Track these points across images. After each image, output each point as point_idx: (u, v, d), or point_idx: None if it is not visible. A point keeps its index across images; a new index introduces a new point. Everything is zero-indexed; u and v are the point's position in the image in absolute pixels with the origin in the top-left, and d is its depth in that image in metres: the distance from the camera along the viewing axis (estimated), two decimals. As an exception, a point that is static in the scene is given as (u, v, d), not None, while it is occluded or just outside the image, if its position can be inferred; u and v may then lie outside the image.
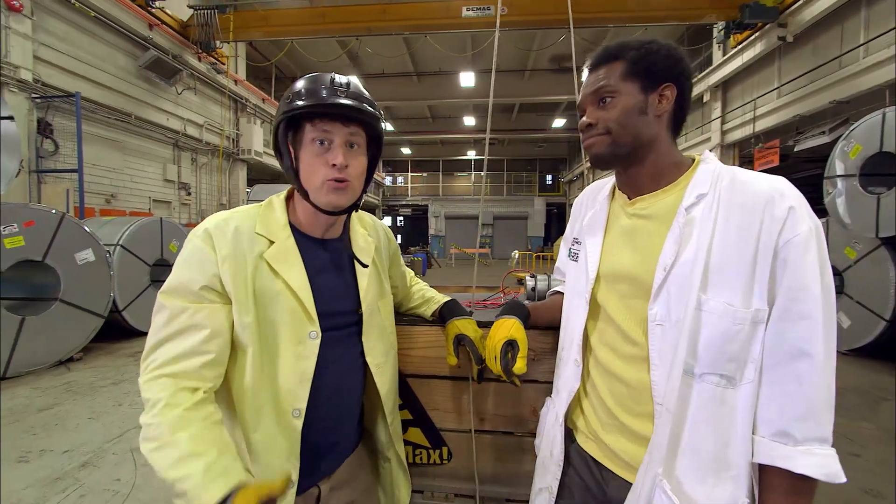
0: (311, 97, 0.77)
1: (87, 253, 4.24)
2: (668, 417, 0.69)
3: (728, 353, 0.67)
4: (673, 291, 0.70)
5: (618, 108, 0.76)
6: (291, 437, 0.79)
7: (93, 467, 2.35)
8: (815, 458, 0.61)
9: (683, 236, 0.70)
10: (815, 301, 0.63)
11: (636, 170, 0.79)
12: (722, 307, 0.66)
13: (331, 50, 12.54)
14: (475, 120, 20.85)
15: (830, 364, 0.63)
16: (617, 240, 0.83)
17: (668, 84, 0.75)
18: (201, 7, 8.84)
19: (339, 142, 0.80)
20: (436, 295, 1.15)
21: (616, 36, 12.51)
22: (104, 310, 4.43)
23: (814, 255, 0.64)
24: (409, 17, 8.91)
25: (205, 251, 0.76)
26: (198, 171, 9.81)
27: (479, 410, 1.11)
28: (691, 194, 0.72)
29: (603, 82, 0.77)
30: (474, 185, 27.34)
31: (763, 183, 0.69)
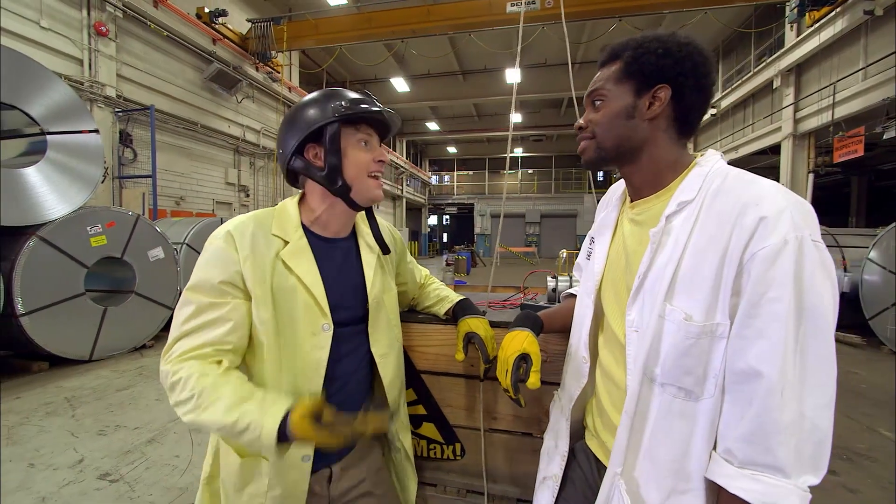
0: (366, 104, 0.88)
1: (158, 251, 4.68)
2: (627, 420, 0.70)
3: (684, 366, 0.64)
4: (646, 299, 0.70)
5: (603, 112, 0.76)
6: None
7: (157, 443, 2.60)
8: (759, 484, 0.56)
9: (660, 245, 0.69)
10: (773, 319, 0.57)
11: (630, 172, 0.78)
12: (680, 318, 0.64)
13: (377, 53, 12.89)
14: (522, 117, 20.53)
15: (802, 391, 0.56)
16: (619, 242, 0.82)
17: (662, 85, 0.71)
18: (258, 20, 9.44)
19: (375, 142, 0.93)
20: (450, 294, 1.17)
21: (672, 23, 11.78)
22: (172, 302, 4.87)
23: (783, 269, 0.57)
24: (452, 17, 8.95)
25: (227, 251, 0.82)
26: (255, 174, 10.49)
27: (493, 410, 1.11)
28: (674, 201, 0.70)
29: (597, 84, 0.77)
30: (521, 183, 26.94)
31: (745, 190, 0.63)
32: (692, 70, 0.71)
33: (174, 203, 8.07)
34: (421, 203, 26.17)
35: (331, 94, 0.90)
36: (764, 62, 10.26)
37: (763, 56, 10.90)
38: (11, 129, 3.95)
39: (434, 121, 21.67)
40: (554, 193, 25.61)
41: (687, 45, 0.72)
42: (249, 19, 9.62)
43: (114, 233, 4.23)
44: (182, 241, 5.29)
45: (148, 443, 2.61)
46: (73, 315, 3.93)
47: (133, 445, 2.57)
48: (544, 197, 25.65)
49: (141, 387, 3.55)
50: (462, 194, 27.87)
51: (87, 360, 4.09)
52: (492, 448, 1.11)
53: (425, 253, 26.90)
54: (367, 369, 0.97)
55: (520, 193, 26.53)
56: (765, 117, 10.70)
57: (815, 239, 0.59)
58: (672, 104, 0.72)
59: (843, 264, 5.45)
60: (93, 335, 4.11)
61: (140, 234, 4.48)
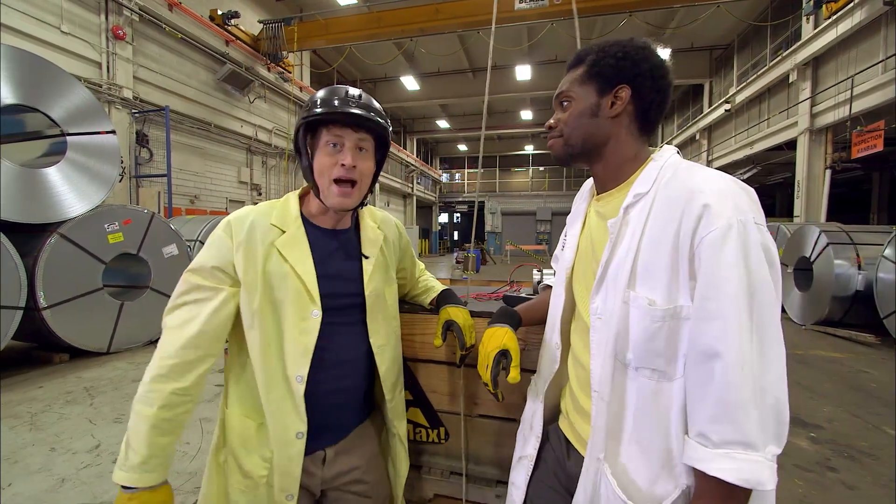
0: (326, 106, 0.89)
1: (172, 247, 4.83)
2: (603, 406, 0.72)
3: (653, 349, 0.67)
4: (609, 287, 0.74)
5: (570, 112, 0.81)
6: (296, 399, 0.90)
7: (169, 431, 2.71)
8: (734, 462, 0.58)
9: (620, 235, 0.73)
10: (726, 299, 0.60)
11: (595, 167, 0.83)
12: (644, 304, 0.68)
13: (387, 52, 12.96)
14: (532, 114, 20.42)
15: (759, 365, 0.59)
16: (587, 233, 0.86)
17: (623, 85, 0.77)
18: (270, 21, 9.59)
19: (350, 145, 0.91)
20: (436, 285, 1.23)
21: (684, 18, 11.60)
22: (186, 297, 5.02)
23: (731, 251, 0.60)
24: (461, 15, 8.97)
25: (224, 239, 0.90)
26: (267, 172, 10.68)
27: (475, 396, 1.16)
28: (631, 193, 0.74)
29: (564, 87, 0.83)
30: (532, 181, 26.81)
31: (691, 180, 0.68)
32: (649, 71, 0.76)
33: (189, 201, 8.28)
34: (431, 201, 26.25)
35: (313, 95, 0.94)
36: (780, 56, 10.02)
37: (779, 50, 10.65)
38: (34, 130, 4.12)
39: (444, 118, 21.71)
40: (565, 191, 25.43)
41: (644, 49, 0.77)
42: (261, 20, 9.79)
43: (130, 230, 4.39)
44: (195, 238, 5.45)
45: (160, 430, 2.72)
46: (91, 309, 4.09)
47: (146, 433, 2.69)
48: (555, 194, 25.50)
49: (155, 378, 3.68)
50: (473, 192, 27.87)
51: (105, 352, 4.26)
52: (474, 432, 1.16)
53: (436, 251, 26.99)
54: (366, 359, 1.01)
55: (531, 191, 26.42)
56: (780, 112, 10.48)
57: (759, 222, 0.63)
58: (632, 102, 0.77)
59: (857, 262, 5.34)
60: (110, 328, 4.28)
61: (155, 231, 4.63)
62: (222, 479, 0.94)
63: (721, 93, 14.52)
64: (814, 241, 5.83)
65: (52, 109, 3.96)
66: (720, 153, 13.77)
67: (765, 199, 18.90)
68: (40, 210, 3.79)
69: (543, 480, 0.90)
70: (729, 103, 12.53)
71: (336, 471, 0.98)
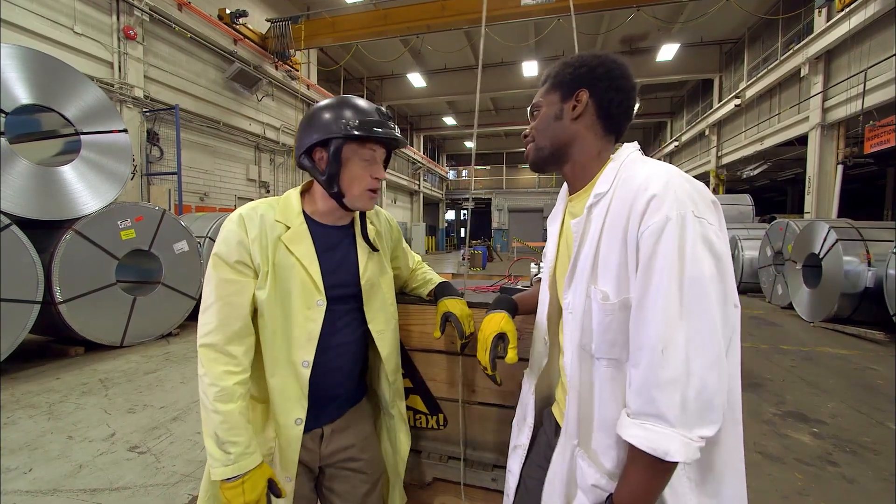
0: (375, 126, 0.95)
1: (183, 244, 4.93)
2: (574, 395, 0.77)
3: (609, 340, 0.72)
4: (577, 283, 0.78)
5: (538, 119, 0.88)
6: (301, 382, 0.97)
7: (181, 421, 2.80)
8: (644, 431, 0.64)
9: (584, 233, 0.78)
10: (659, 290, 0.63)
11: (565, 169, 0.88)
12: (600, 298, 0.73)
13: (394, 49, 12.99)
14: (539, 110, 20.33)
15: (686, 350, 0.62)
16: (564, 233, 0.91)
17: (581, 89, 0.83)
18: (277, 20, 9.67)
19: (380, 159, 1.01)
20: (434, 277, 1.28)
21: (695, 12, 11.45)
22: (196, 293, 5.13)
23: (665, 243, 0.64)
24: (467, 11, 8.96)
25: (239, 233, 0.95)
26: (275, 170, 10.80)
27: (472, 383, 1.20)
28: (593, 193, 0.78)
29: (535, 101, 0.90)
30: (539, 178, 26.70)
31: (637, 176, 0.71)
32: (605, 74, 0.82)
33: (198, 199, 8.41)
34: (438, 198, 26.27)
35: (344, 104, 0.97)
36: (792, 49, 9.87)
37: (791, 43, 10.48)
38: (49, 129, 4.23)
39: (451, 115, 21.69)
40: (572, 188, 25.25)
41: (599, 57, 0.84)
42: (269, 19, 9.87)
43: (142, 227, 4.49)
44: (205, 235, 5.55)
45: (172, 420, 2.81)
46: (105, 303, 4.21)
47: (159, 422, 2.77)
48: (562, 191, 25.33)
49: (167, 371, 3.78)
50: (479, 189, 27.84)
51: (119, 345, 4.37)
52: (473, 418, 1.21)
53: (443, 248, 27.03)
54: (363, 343, 1.08)
55: (537, 188, 26.31)
56: (791, 107, 10.32)
57: (699, 215, 0.65)
58: (592, 103, 0.82)
59: (867, 258, 5.28)
60: (123, 323, 4.39)
61: (166, 228, 4.73)
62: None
63: (731, 88, 14.33)
64: (823, 237, 5.77)
65: (66, 109, 4.06)
66: (730, 149, 13.60)
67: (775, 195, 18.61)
68: (56, 207, 3.90)
69: (535, 462, 0.95)
70: (739, 98, 12.36)
71: (333, 448, 1.04)
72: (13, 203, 3.60)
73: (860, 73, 7.90)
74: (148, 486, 2.09)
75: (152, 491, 2.05)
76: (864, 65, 7.88)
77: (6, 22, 5.35)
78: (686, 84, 18.16)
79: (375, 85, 18.02)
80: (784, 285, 6.95)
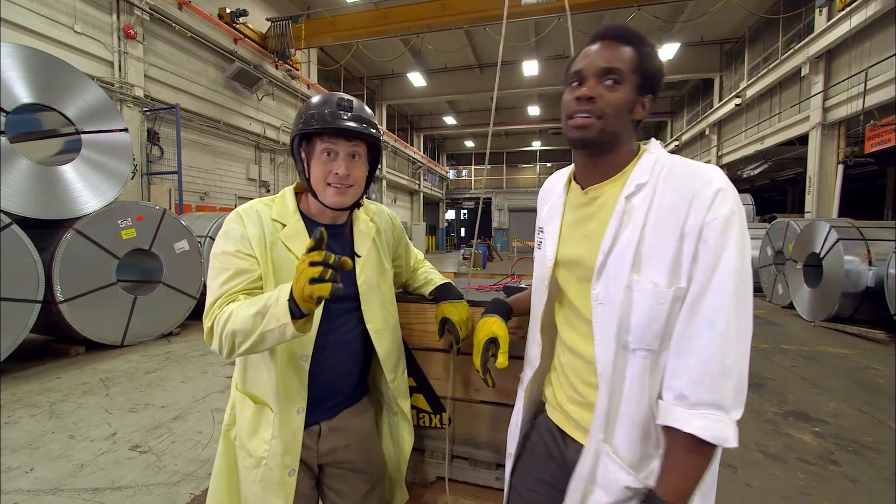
0: (320, 120, 0.93)
1: (183, 243, 4.93)
2: (605, 388, 0.76)
3: (653, 330, 0.72)
4: (611, 273, 0.76)
5: (619, 95, 0.76)
6: (301, 376, 0.98)
7: (182, 421, 2.80)
8: (708, 421, 0.66)
9: (622, 223, 0.76)
10: (725, 278, 0.67)
11: (604, 160, 0.82)
12: (650, 287, 0.72)
13: (394, 49, 12.99)
14: (540, 110, 20.32)
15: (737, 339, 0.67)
16: (571, 227, 0.87)
17: (650, 96, 0.80)
18: (277, 19, 9.66)
19: (343, 154, 0.96)
20: (435, 277, 1.27)
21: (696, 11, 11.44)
22: (197, 292, 5.13)
23: (733, 235, 0.68)
24: (467, 11, 8.95)
25: (239, 228, 0.96)
26: (276, 169, 10.79)
27: (476, 383, 1.20)
28: (632, 183, 0.77)
29: (616, 63, 0.76)
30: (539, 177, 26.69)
31: (696, 170, 0.73)
32: (659, 88, 0.81)
33: (199, 198, 8.40)
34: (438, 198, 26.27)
35: (310, 102, 0.97)
36: (792, 49, 9.86)
37: (791, 43, 10.47)
38: (50, 129, 4.23)
39: (451, 115, 21.69)
40: (573, 187, 25.25)
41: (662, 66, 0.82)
42: (269, 18, 9.87)
43: (142, 226, 4.49)
44: (206, 235, 5.54)
45: (174, 420, 2.81)
46: (106, 303, 4.20)
47: (160, 422, 2.77)
48: (563, 191, 25.33)
49: (168, 370, 3.78)
50: (480, 188, 27.83)
51: (120, 345, 4.37)
52: (475, 417, 1.21)
53: (443, 247, 27.02)
54: (361, 341, 1.07)
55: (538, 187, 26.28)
56: (792, 106, 10.32)
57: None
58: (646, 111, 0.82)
59: (867, 258, 5.28)
60: (124, 322, 4.39)
61: (167, 227, 4.72)
62: (232, 454, 1.02)
63: (731, 87, 14.32)
64: (823, 236, 5.77)
65: (67, 108, 4.06)
66: (730, 148, 13.60)
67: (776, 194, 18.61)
68: (56, 206, 3.90)
69: (531, 472, 0.92)
70: (739, 98, 12.36)
71: (330, 446, 1.04)
72: (14, 202, 3.60)
73: (861, 72, 7.90)
74: (150, 485, 2.09)
75: (154, 490, 2.05)
76: (865, 64, 7.88)
77: (6, 21, 5.34)
78: (686, 83, 18.16)
79: (376, 84, 18.01)
80: (785, 285, 6.94)
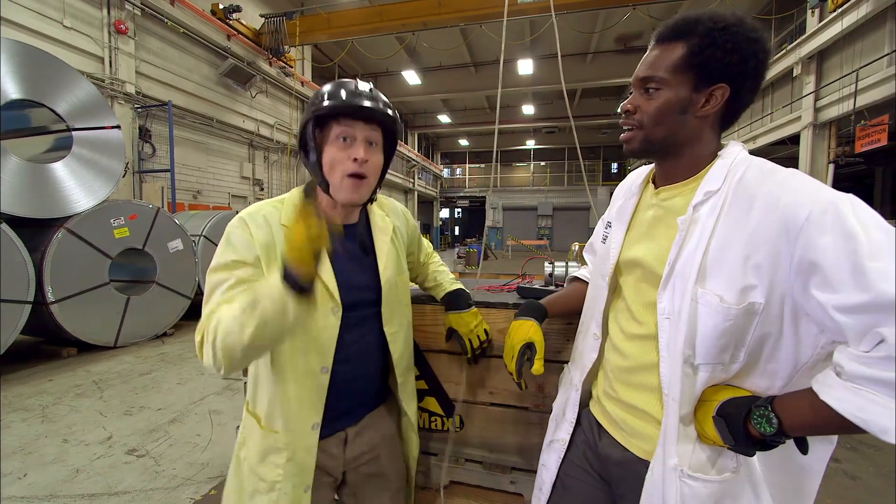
0: (336, 99, 0.88)
1: (177, 242, 4.85)
2: (674, 406, 0.70)
3: (721, 345, 0.67)
4: (677, 286, 0.71)
5: (657, 102, 0.72)
6: (319, 390, 0.92)
7: (179, 423, 2.75)
8: (858, 398, 0.55)
9: (689, 233, 0.70)
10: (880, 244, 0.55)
11: (672, 163, 0.78)
12: (716, 301, 0.66)
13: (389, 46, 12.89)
14: (534, 108, 20.33)
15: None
16: (640, 228, 0.84)
17: (722, 85, 0.70)
18: (271, 15, 9.55)
19: (361, 138, 0.89)
20: (445, 281, 1.22)
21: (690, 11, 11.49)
22: (191, 292, 5.05)
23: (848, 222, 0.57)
24: (463, 9, 8.91)
25: (244, 235, 0.88)
26: (269, 167, 10.68)
27: (489, 385, 1.18)
28: (701, 191, 0.71)
29: (654, 71, 0.72)
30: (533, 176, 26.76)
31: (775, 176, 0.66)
32: (754, 71, 0.69)
33: (191, 197, 8.29)
34: (432, 196, 26.21)
35: (320, 90, 0.92)
36: (784, 49, 9.96)
37: (783, 43, 10.58)
38: (40, 125, 4.13)
39: (446, 113, 21.62)
40: (567, 186, 25.36)
41: (755, 43, 0.68)
42: (263, 14, 9.74)
43: (135, 225, 4.41)
44: (200, 234, 5.46)
45: (171, 422, 2.76)
46: (98, 303, 4.12)
47: (157, 425, 2.72)
48: (557, 189, 25.43)
49: (163, 371, 3.72)
50: (474, 187, 27.81)
51: (113, 346, 4.29)
52: (489, 420, 1.19)
53: (437, 246, 27.00)
54: (377, 344, 1.03)
55: (532, 186, 26.36)
56: (784, 106, 10.42)
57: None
58: (726, 103, 0.71)
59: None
60: (117, 323, 4.31)
61: (160, 226, 4.65)
62: (241, 476, 0.96)
63: (724, 87, 14.42)
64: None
65: (57, 104, 3.97)
66: (723, 148, 13.71)
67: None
68: (47, 205, 3.81)
69: (574, 461, 0.92)
70: (732, 97, 12.45)
71: (356, 451, 1.00)
72: (3, 201, 3.51)
73: (852, 73, 7.99)
74: (148, 490, 2.05)
75: (153, 496, 2.00)
76: (856, 65, 7.97)
77: (-7, 15, 5.21)
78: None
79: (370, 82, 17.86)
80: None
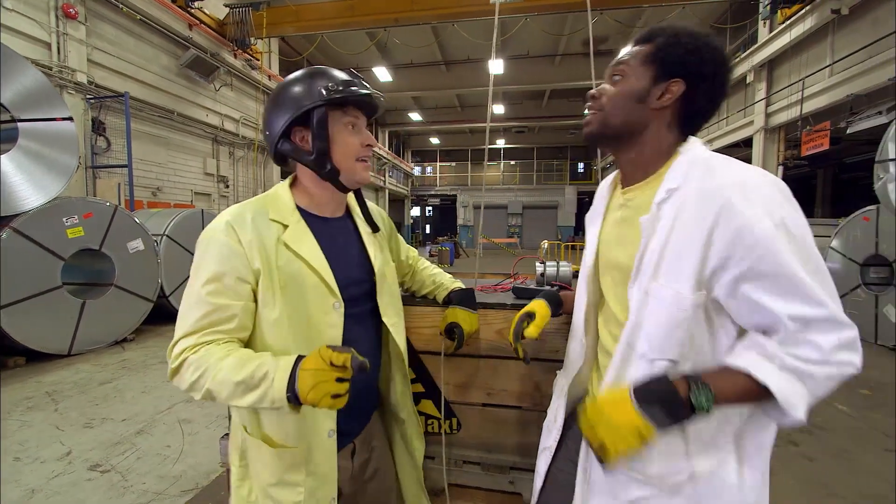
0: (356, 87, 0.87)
1: (138, 242, 4.59)
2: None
3: (675, 338, 0.70)
4: (642, 281, 0.74)
5: (619, 87, 0.78)
6: None
7: (147, 434, 2.60)
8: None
9: (652, 230, 0.73)
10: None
11: (625, 156, 0.81)
12: (671, 295, 0.69)
13: (360, 42, 12.67)
14: (504, 108, 20.56)
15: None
16: (610, 229, 0.87)
17: (677, 80, 0.74)
18: (236, 5, 9.15)
19: (362, 124, 0.92)
20: (445, 281, 1.21)
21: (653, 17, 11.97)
22: (153, 295, 4.79)
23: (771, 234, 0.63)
24: (436, 7, 8.87)
25: (230, 244, 0.81)
26: (235, 164, 10.26)
27: (487, 386, 1.18)
28: (663, 189, 0.74)
29: (623, 59, 0.79)
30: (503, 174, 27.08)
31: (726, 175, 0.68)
32: (711, 74, 0.74)
33: (151, 194, 7.84)
34: (403, 194, 26.03)
35: (317, 73, 0.88)
36: (738, 57, 10.55)
37: (738, 51, 11.19)
38: (-21, 115, 3.79)
39: (417, 111, 21.50)
40: (536, 185, 25.84)
41: (715, 51, 0.75)
42: (227, 4, 9.31)
43: (91, 224, 4.13)
44: (162, 233, 5.19)
45: (137, 434, 2.60)
46: (50, 308, 3.84)
47: (122, 437, 2.56)
48: (526, 188, 25.86)
49: (125, 380, 3.51)
50: (445, 185, 27.83)
51: (67, 354, 4.01)
52: (488, 421, 1.19)
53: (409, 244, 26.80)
54: (376, 338, 1.01)
55: (502, 185, 26.67)
56: (738, 111, 11.04)
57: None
58: (682, 101, 0.76)
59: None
60: (71, 329, 4.02)
61: (118, 225, 4.37)
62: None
63: (683, 91, 15.10)
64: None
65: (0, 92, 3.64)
66: (683, 150, 14.36)
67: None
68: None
69: (559, 467, 0.93)
70: (691, 102, 13.05)
71: (362, 459, 0.98)
72: (-62, 198, 3.20)
73: (798, 81, 8.56)
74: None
75: (122, 512, 1.89)
76: (803, 74, 8.55)
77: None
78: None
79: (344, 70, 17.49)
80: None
